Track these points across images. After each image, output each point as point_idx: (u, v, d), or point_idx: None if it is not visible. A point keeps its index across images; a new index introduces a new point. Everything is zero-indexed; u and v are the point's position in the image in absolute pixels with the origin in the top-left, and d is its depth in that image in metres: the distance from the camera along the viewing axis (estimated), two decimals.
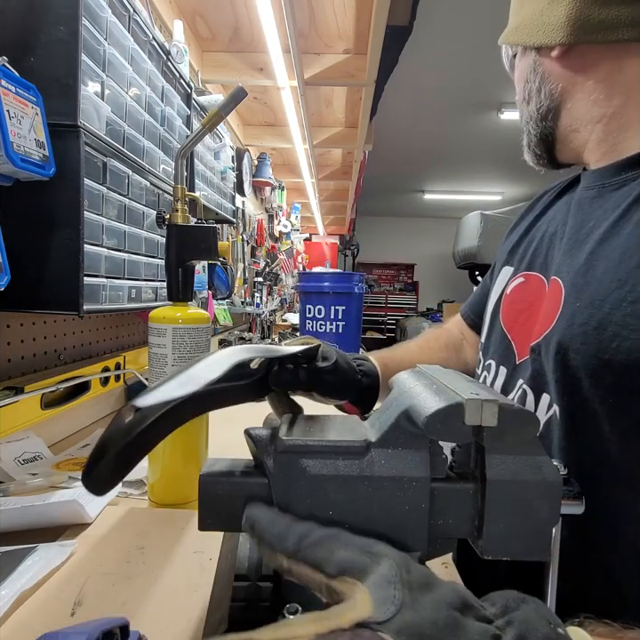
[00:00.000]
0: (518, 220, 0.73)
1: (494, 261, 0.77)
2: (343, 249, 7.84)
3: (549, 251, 0.58)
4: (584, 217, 0.54)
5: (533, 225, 0.66)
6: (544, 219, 0.64)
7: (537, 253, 0.60)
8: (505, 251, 0.69)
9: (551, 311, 0.52)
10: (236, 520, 0.37)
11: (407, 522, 0.35)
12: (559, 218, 0.59)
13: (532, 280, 0.59)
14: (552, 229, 0.59)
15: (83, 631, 0.30)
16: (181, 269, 0.68)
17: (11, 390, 0.79)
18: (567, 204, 0.59)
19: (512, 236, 0.71)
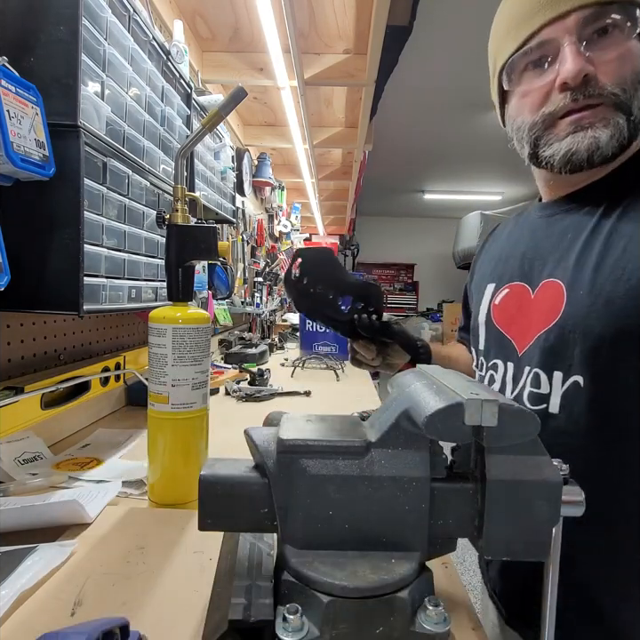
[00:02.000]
0: (480, 251, 0.90)
1: (469, 286, 0.90)
2: (343, 249, 7.83)
3: (527, 264, 0.68)
4: (551, 235, 0.66)
5: (503, 250, 0.78)
6: (507, 245, 0.77)
7: (514, 269, 0.71)
8: (484, 274, 0.80)
9: (554, 304, 0.60)
10: (235, 520, 0.37)
11: (407, 522, 0.35)
12: (526, 238, 0.71)
13: (515, 289, 0.69)
14: (522, 248, 0.71)
15: (83, 631, 0.30)
16: (181, 269, 0.68)
17: (11, 390, 0.79)
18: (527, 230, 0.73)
19: (484, 263, 0.84)
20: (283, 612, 0.32)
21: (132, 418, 1.12)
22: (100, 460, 0.83)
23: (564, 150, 0.60)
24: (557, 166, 0.61)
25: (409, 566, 0.34)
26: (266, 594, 0.37)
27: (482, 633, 0.45)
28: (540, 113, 0.61)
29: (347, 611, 0.32)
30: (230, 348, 2.02)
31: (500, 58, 0.65)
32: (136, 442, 0.94)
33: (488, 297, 0.75)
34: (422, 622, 0.33)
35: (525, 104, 0.64)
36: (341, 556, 0.35)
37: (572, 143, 0.59)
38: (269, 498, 0.36)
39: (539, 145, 0.63)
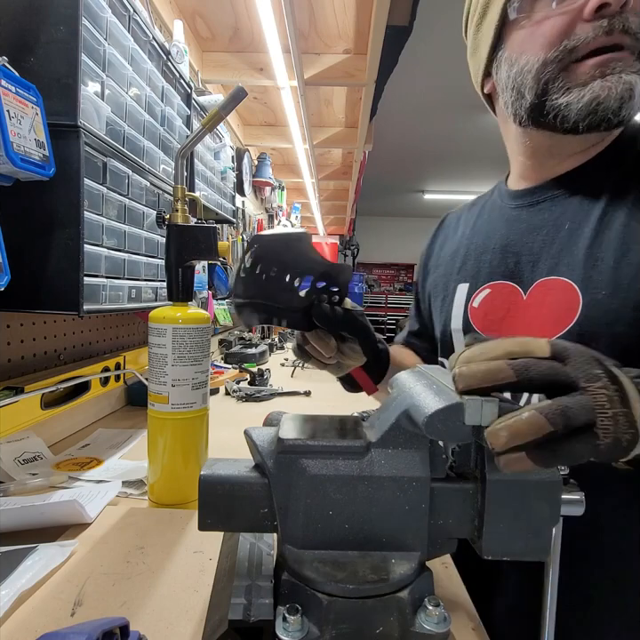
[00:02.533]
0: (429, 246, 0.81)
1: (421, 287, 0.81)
2: (343, 249, 7.83)
3: (511, 260, 0.61)
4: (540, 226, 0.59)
5: (467, 244, 0.69)
6: (472, 238, 0.69)
7: (494, 266, 0.63)
8: (447, 272, 0.71)
9: (565, 307, 0.53)
10: (235, 520, 0.37)
11: (407, 522, 0.35)
12: (503, 231, 0.63)
13: (499, 289, 0.61)
14: (501, 241, 0.63)
15: (83, 631, 0.30)
16: (181, 269, 0.68)
17: (11, 390, 0.79)
18: (500, 221, 0.65)
19: (440, 260, 0.75)
20: (283, 612, 0.32)
21: (132, 418, 1.12)
22: (100, 460, 0.83)
23: (589, 97, 0.48)
24: (574, 118, 0.50)
25: (409, 566, 0.34)
26: (266, 594, 0.37)
27: (482, 633, 0.45)
28: (562, 47, 0.49)
29: (347, 611, 0.32)
30: (230, 348, 2.02)
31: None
32: (136, 442, 0.94)
33: (462, 299, 0.66)
34: (422, 622, 0.33)
35: (538, 36, 0.51)
36: (341, 556, 0.35)
37: (603, 88, 0.48)
38: (269, 498, 0.36)
39: (549, 91, 0.51)
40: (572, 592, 0.49)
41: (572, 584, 0.49)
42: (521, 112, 0.56)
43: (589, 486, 0.37)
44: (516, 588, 0.60)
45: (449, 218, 0.82)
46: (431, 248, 0.81)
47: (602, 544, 0.58)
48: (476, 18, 0.60)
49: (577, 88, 0.49)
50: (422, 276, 0.81)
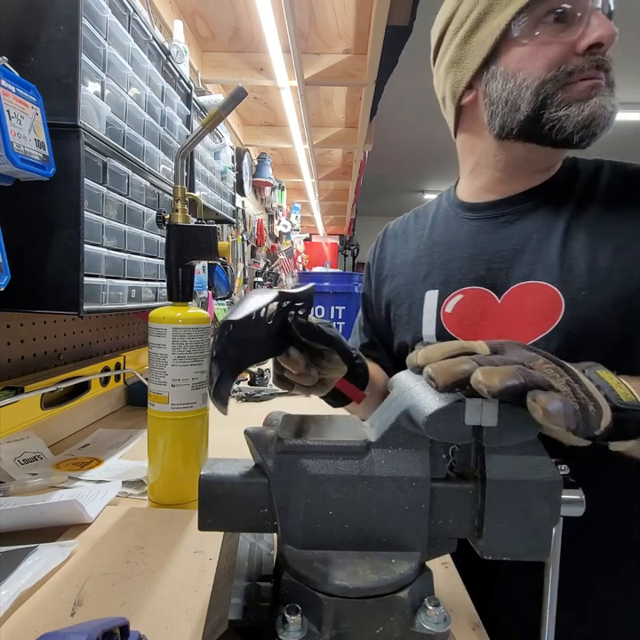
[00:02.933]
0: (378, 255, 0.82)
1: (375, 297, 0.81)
2: (343, 249, 7.83)
3: (482, 267, 0.64)
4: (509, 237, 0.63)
5: (427, 253, 0.72)
6: (435, 245, 0.71)
7: (464, 273, 0.66)
8: (410, 280, 0.73)
9: (548, 308, 0.57)
10: (235, 520, 0.37)
11: (407, 522, 0.35)
12: (467, 241, 0.67)
13: (472, 295, 0.65)
14: (468, 250, 0.66)
15: (83, 631, 0.30)
16: (181, 269, 0.68)
17: (11, 390, 0.79)
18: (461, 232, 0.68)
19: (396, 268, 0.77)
20: (283, 612, 0.32)
21: (132, 418, 1.12)
22: (100, 460, 0.83)
23: (589, 112, 0.55)
24: (570, 130, 0.56)
25: (409, 566, 0.34)
26: (266, 594, 0.37)
27: (482, 633, 0.45)
28: (561, 69, 0.56)
29: (347, 611, 0.32)
30: None
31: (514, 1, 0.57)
32: (136, 442, 0.94)
33: (432, 306, 0.68)
34: (422, 622, 0.33)
35: (540, 57, 0.57)
36: (341, 556, 0.35)
37: (599, 106, 0.55)
38: (269, 498, 0.36)
39: (547, 105, 0.57)
40: (571, 594, 0.49)
41: (572, 586, 0.49)
42: (511, 124, 0.60)
43: (590, 487, 0.37)
44: (515, 588, 0.60)
45: (390, 229, 0.84)
46: (381, 258, 0.82)
47: (601, 544, 0.58)
48: (465, 30, 0.62)
49: (577, 103, 0.55)
50: (375, 286, 0.82)
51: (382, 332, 0.80)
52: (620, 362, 0.46)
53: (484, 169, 0.67)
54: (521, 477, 0.33)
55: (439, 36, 0.67)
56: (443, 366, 0.33)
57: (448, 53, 0.65)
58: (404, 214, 0.84)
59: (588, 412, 0.32)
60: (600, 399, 0.34)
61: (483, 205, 0.68)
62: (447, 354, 0.34)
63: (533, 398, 0.30)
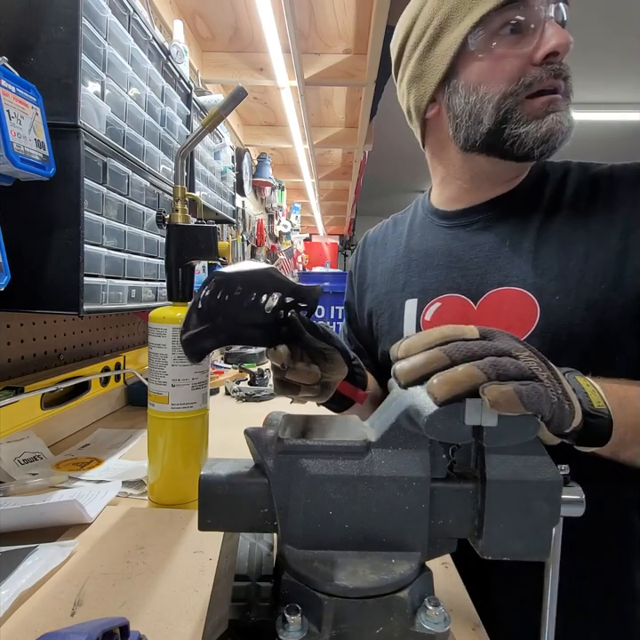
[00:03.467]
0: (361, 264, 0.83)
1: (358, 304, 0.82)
2: (343, 249, 7.84)
3: (458, 275, 0.65)
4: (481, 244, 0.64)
5: (409, 260, 0.72)
6: (413, 253, 0.72)
7: (440, 281, 0.66)
8: (391, 289, 0.74)
9: (523, 313, 0.58)
10: (235, 520, 0.37)
11: (407, 522, 0.35)
12: (443, 249, 0.68)
13: (450, 302, 0.65)
14: (444, 258, 0.67)
15: (83, 631, 0.30)
16: (181, 269, 0.68)
17: (11, 390, 0.79)
18: (437, 240, 0.69)
19: (377, 277, 0.77)
20: (283, 612, 0.32)
21: (132, 418, 1.12)
22: (100, 460, 0.83)
23: (546, 129, 0.56)
24: (530, 145, 0.57)
25: (409, 566, 0.34)
26: (266, 594, 0.37)
27: (482, 633, 0.45)
28: (520, 82, 0.56)
29: (347, 611, 0.32)
30: (230, 349, 2.02)
31: (469, 13, 0.57)
32: (136, 442, 0.94)
33: (412, 314, 0.69)
34: (422, 622, 0.33)
35: (499, 71, 0.57)
36: (341, 556, 0.35)
37: (556, 122, 0.56)
38: (269, 498, 0.36)
39: (508, 120, 0.57)
40: (571, 595, 0.49)
41: (572, 587, 0.49)
42: (475, 137, 0.60)
43: (589, 487, 0.37)
44: (515, 589, 0.60)
45: (370, 237, 0.85)
46: (363, 267, 0.82)
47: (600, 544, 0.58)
48: (423, 46, 0.62)
49: (535, 120, 0.57)
50: (358, 295, 0.82)
51: (366, 340, 0.81)
52: (597, 364, 0.47)
53: (453, 179, 0.68)
54: (521, 477, 0.33)
55: (398, 51, 0.67)
56: (404, 368, 0.34)
57: (409, 68, 0.65)
58: (383, 221, 0.85)
59: (564, 408, 0.33)
60: (574, 400, 0.35)
61: (454, 213, 0.68)
62: (427, 345, 0.34)
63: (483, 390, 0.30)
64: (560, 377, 0.35)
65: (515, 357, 0.33)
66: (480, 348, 0.33)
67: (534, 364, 0.33)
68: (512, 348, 0.34)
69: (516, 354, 0.33)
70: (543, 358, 0.35)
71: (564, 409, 0.33)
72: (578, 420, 0.35)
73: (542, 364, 0.34)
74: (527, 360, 0.33)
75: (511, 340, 0.35)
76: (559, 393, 0.33)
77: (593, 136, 4.58)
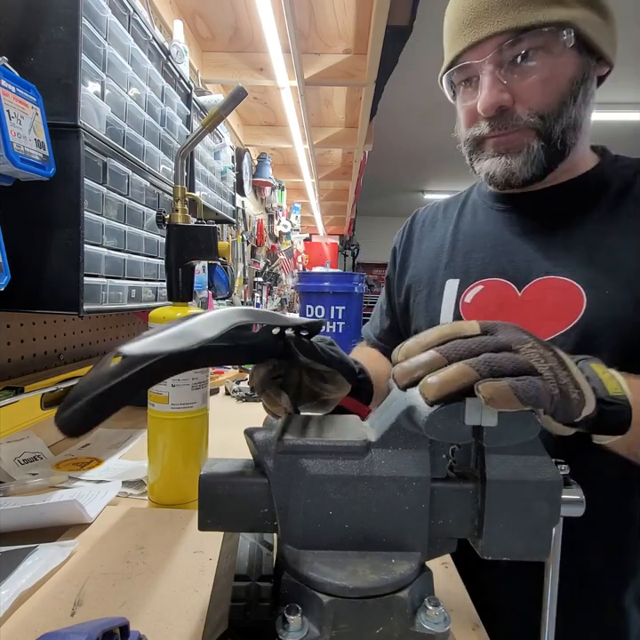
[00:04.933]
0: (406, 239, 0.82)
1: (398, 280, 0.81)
2: (343, 249, 7.84)
3: (504, 259, 0.64)
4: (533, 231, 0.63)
5: (455, 240, 0.72)
6: (461, 234, 0.72)
7: (486, 264, 0.66)
8: (432, 267, 0.73)
9: (568, 305, 0.57)
10: (235, 520, 0.37)
11: (407, 522, 0.35)
12: (493, 232, 0.67)
13: (492, 286, 0.64)
14: (492, 240, 0.66)
15: (83, 631, 0.30)
16: (181, 269, 0.68)
17: (11, 390, 0.79)
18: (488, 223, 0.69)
19: (421, 254, 0.77)
20: (283, 612, 0.32)
21: (132, 418, 1.12)
22: (100, 460, 0.83)
23: (485, 172, 0.62)
24: (485, 182, 0.63)
25: (409, 566, 0.34)
26: (266, 594, 0.37)
27: (482, 633, 0.45)
28: (471, 131, 0.63)
29: (347, 611, 0.32)
30: None
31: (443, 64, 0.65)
32: (136, 442, 0.94)
33: (452, 295, 0.68)
34: (422, 622, 0.32)
35: (461, 119, 0.65)
36: (341, 556, 0.35)
37: (490, 167, 0.62)
38: (269, 498, 0.36)
39: (472, 159, 0.65)
40: (571, 595, 0.49)
41: (572, 588, 0.49)
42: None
43: (589, 487, 0.37)
44: (515, 588, 0.60)
45: (419, 215, 0.85)
46: (408, 243, 0.82)
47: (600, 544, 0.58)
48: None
49: (481, 161, 0.63)
50: (399, 270, 0.82)
51: (402, 317, 0.81)
52: (635, 362, 0.46)
53: None
54: (521, 477, 0.33)
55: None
56: (401, 370, 0.34)
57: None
58: (436, 202, 0.84)
59: (569, 398, 0.32)
60: (585, 388, 0.34)
61: (509, 197, 0.68)
62: (426, 346, 0.34)
63: (477, 388, 0.30)
64: (569, 365, 0.34)
65: (515, 351, 0.33)
66: (478, 345, 0.33)
67: (536, 355, 0.33)
68: (513, 340, 0.33)
69: (516, 347, 0.33)
70: (549, 347, 0.34)
71: (571, 398, 0.32)
72: (590, 409, 0.34)
73: (547, 354, 0.33)
74: (528, 352, 0.33)
75: (515, 331, 0.34)
76: (563, 383, 0.32)
77: (593, 136, 4.58)
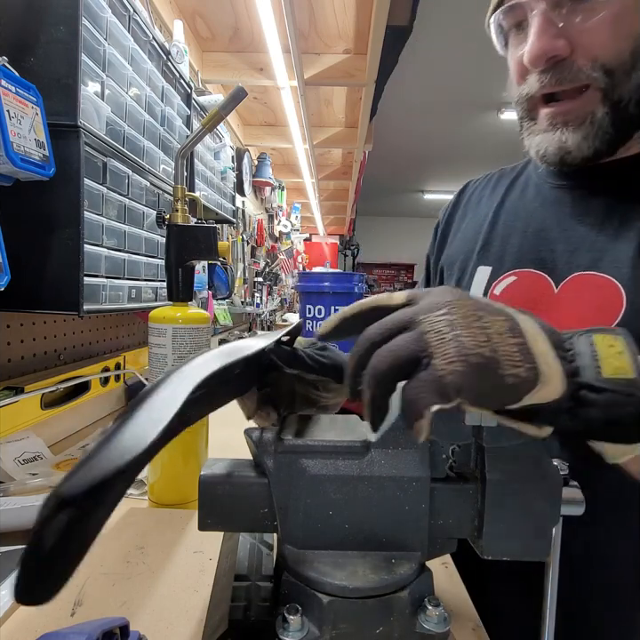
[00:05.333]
0: (451, 213, 0.72)
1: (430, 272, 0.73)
2: (343, 249, 7.84)
3: (545, 247, 0.54)
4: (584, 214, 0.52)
5: (495, 220, 0.62)
6: (504, 213, 0.61)
7: (523, 251, 0.56)
8: (465, 249, 0.64)
9: (605, 307, 0.48)
10: (235, 520, 0.37)
11: (407, 522, 0.35)
12: (539, 212, 0.56)
13: (527, 278, 0.55)
14: (536, 224, 0.56)
15: (83, 631, 0.30)
16: (181, 269, 0.68)
17: (11, 390, 0.79)
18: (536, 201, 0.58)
19: (460, 233, 0.67)
20: (283, 612, 0.32)
21: None
22: None
23: (534, 150, 0.52)
24: (537, 160, 0.52)
25: (409, 566, 0.34)
26: (266, 594, 0.37)
27: (482, 633, 0.45)
28: (520, 91, 0.51)
29: (347, 611, 0.32)
30: None
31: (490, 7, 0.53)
32: None
33: (481, 284, 0.59)
34: (422, 622, 0.33)
35: (511, 71, 0.53)
36: (341, 556, 0.35)
37: (541, 144, 0.50)
38: (269, 498, 0.36)
39: (522, 128, 0.54)
40: (571, 595, 0.49)
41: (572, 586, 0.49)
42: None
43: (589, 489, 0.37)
44: (515, 588, 0.60)
45: (470, 187, 0.74)
46: (452, 217, 0.72)
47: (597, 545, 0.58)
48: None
49: (532, 136, 0.52)
50: (438, 248, 0.72)
51: None
52: None
53: None
54: (521, 477, 0.33)
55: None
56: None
57: None
58: (490, 172, 0.72)
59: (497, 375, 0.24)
60: (544, 362, 0.25)
61: (566, 170, 0.54)
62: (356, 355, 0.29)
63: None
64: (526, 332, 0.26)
65: (418, 323, 0.26)
66: (380, 332, 0.27)
67: (443, 323, 0.25)
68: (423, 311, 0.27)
69: (421, 318, 0.26)
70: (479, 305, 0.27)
71: (501, 375, 0.24)
72: (553, 392, 0.25)
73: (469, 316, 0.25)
74: (434, 322, 0.25)
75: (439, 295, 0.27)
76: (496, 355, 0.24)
77: None
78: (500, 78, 0.60)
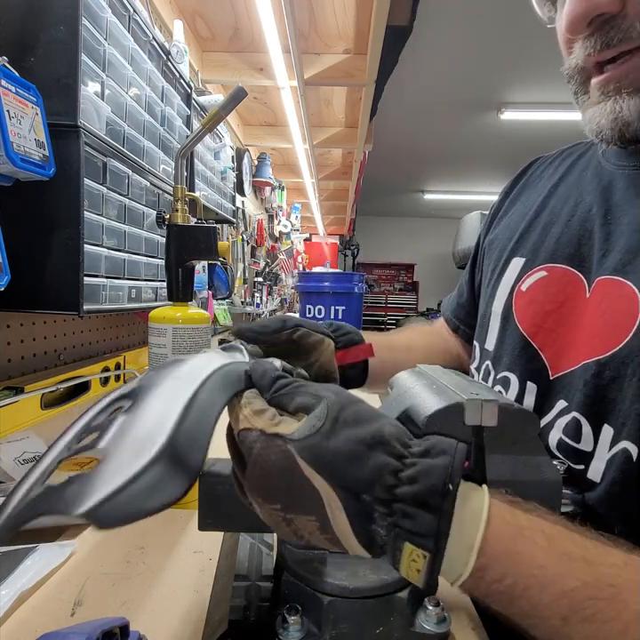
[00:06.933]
0: (503, 198, 0.64)
1: (477, 254, 0.67)
2: (343, 249, 7.83)
3: (585, 239, 0.46)
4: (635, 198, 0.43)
5: (544, 204, 0.54)
6: (555, 197, 0.53)
7: (561, 242, 0.48)
8: (507, 236, 0.57)
9: (619, 321, 0.40)
10: (235, 520, 0.37)
11: None
12: (589, 199, 0.48)
13: (558, 274, 0.47)
14: (581, 212, 0.48)
15: (83, 631, 0.30)
16: (181, 269, 0.68)
17: (11, 390, 0.79)
18: (598, 181, 0.48)
19: (508, 217, 0.61)
20: (283, 612, 0.32)
21: None
22: None
23: (588, 127, 0.44)
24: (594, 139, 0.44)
25: None
26: (266, 594, 0.37)
27: (482, 633, 0.45)
28: (569, 62, 0.44)
29: (347, 611, 0.32)
30: None
31: None
32: None
33: (512, 277, 0.52)
34: (422, 622, 0.33)
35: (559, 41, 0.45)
36: (341, 556, 0.35)
37: (593, 117, 0.42)
38: None
39: (577, 104, 0.46)
40: None
41: None
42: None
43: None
44: None
45: (535, 164, 0.64)
46: (506, 197, 0.64)
47: None
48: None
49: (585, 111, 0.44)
50: (485, 233, 0.66)
51: (477, 292, 0.66)
52: None
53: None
54: (521, 477, 0.33)
55: None
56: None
57: None
58: (560, 149, 0.61)
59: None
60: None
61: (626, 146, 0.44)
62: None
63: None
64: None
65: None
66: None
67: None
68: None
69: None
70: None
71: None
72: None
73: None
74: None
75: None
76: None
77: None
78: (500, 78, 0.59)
